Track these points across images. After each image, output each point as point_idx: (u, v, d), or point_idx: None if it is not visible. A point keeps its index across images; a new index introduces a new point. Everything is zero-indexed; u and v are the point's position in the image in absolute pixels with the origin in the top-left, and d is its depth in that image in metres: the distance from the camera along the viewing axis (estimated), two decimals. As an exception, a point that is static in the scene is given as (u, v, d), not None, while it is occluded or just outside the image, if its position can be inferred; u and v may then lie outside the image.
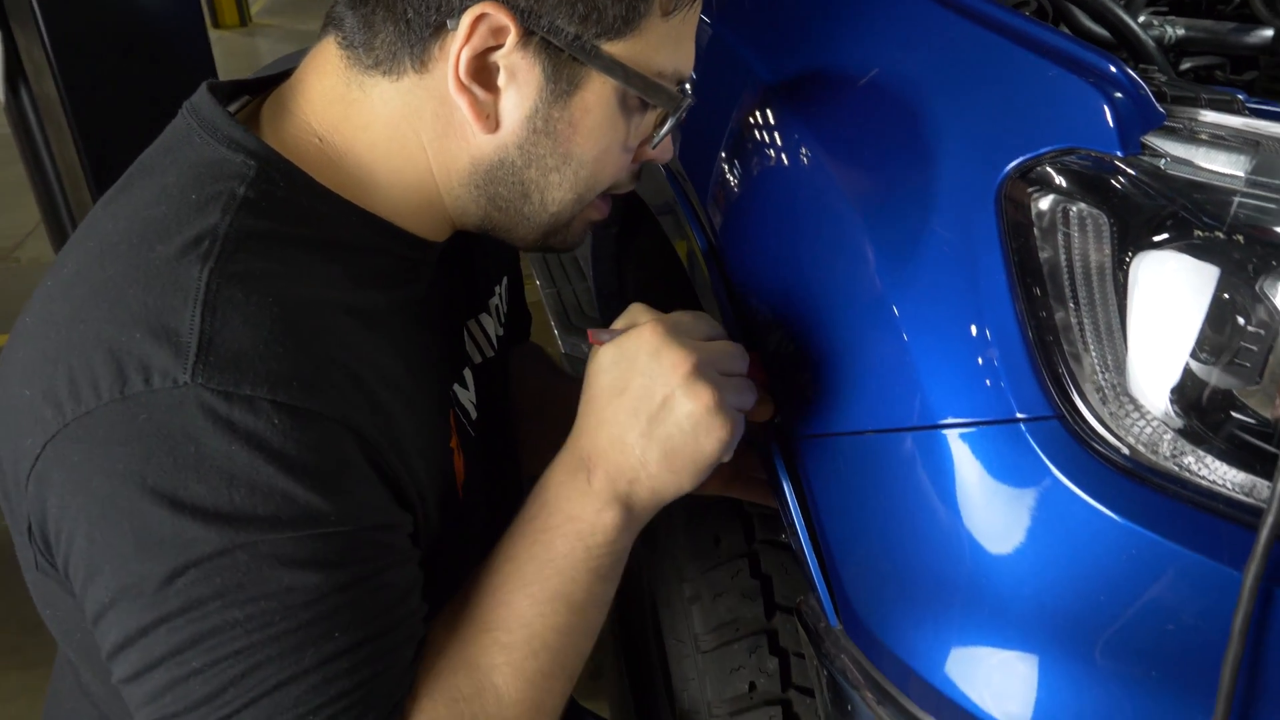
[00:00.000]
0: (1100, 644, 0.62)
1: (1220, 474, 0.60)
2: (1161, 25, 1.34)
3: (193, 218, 0.66)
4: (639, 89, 0.72)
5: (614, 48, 0.70)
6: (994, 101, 0.70)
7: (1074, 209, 0.64)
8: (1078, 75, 0.65)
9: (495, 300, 1.00)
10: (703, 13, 1.13)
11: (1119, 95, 0.63)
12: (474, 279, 0.95)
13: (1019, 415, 0.64)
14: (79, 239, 0.72)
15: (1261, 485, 0.59)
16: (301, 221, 0.70)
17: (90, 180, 2.16)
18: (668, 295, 1.27)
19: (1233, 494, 0.59)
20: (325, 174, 0.73)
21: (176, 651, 0.63)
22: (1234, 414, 0.59)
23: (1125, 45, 1.31)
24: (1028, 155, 0.66)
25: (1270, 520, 0.53)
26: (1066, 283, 0.64)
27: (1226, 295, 0.58)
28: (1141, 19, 1.37)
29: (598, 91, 0.72)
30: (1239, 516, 0.59)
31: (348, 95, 0.73)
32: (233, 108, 0.77)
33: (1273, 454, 0.57)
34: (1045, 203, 0.65)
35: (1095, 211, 0.63)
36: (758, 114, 0.92)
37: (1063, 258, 0.64)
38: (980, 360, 0.66)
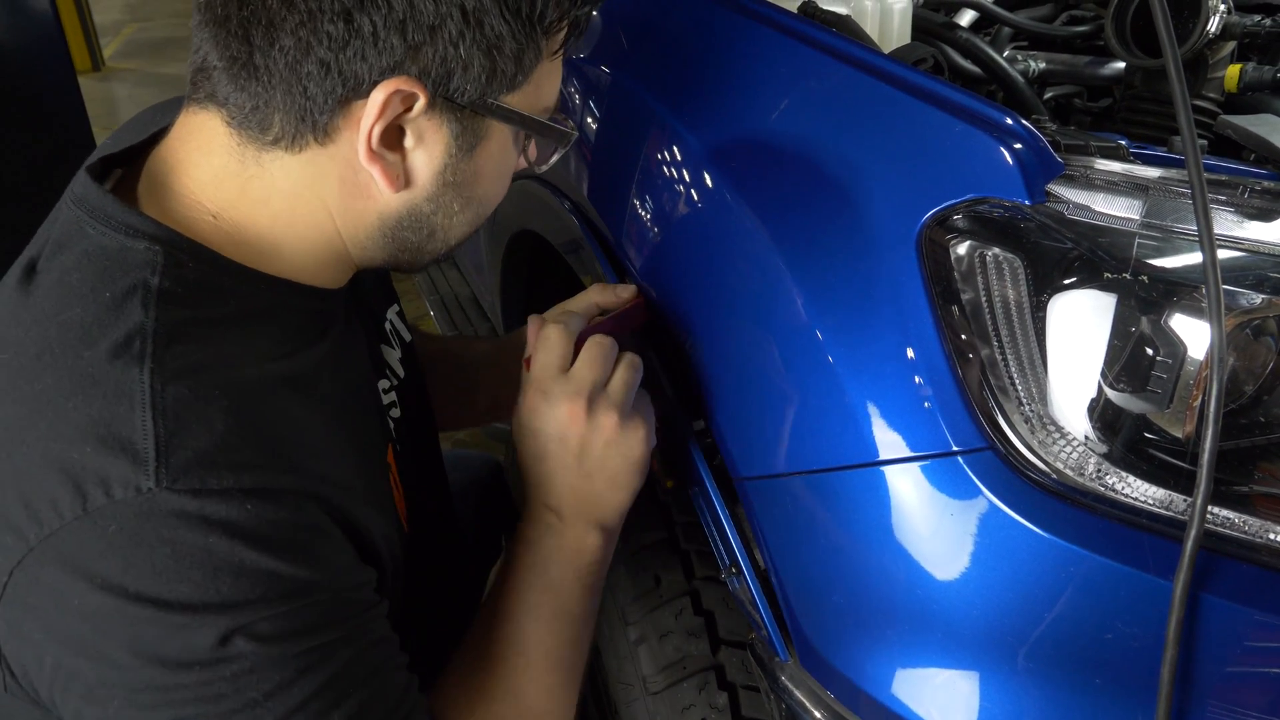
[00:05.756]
0: (1046, 656, 0.67)
1: (1141, 491, 0.65)
2: (1025, 60, 1.45)
3: (114, 318, 0.65)
4: (537, 132, 0.76)
5: (510, 98, 0.72)
6: (907, 155, 0.75)
7: (989, 253, 0.69)
8: (982, 130, 0.71)
9: (388, 326, 1.01)
10: (604, 62, 1.17)
11: (1021, 147, 0.69)
12: (365, 314, 0.95)
13: (955, 448, 0.69)
14: None
15: (1178, 499, 0.64)
16: (218, 301, 0.70)
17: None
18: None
19: (1154, 509, 0.65)
20: (226, 248, 0.72)
21: None
22: (1149, 435, 0.65)
23: (994, 79, 1.40)
24: (943, 205, 0.71)
25: (1193, 532, 0.59)
26: (988, 321, 0.69)
27: (1134, 330, 0.64)
28: (1006, 54, 1.47)
29: (499, 139, 0.74)
30: (1161, 529, 0.65)
31: (243, 172, 0.71)
32: (107, 185, 0.74)
33: (1187, 470, 0.63)
34: (963, 248, 0.70)
35: (1010, 256, 0.68)
36: (671, 158, 0.95)
37: (983, 298, 0.69)
38: (915, 398, 0.70)
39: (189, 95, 0.73)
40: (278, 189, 0.71)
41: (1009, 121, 0.71)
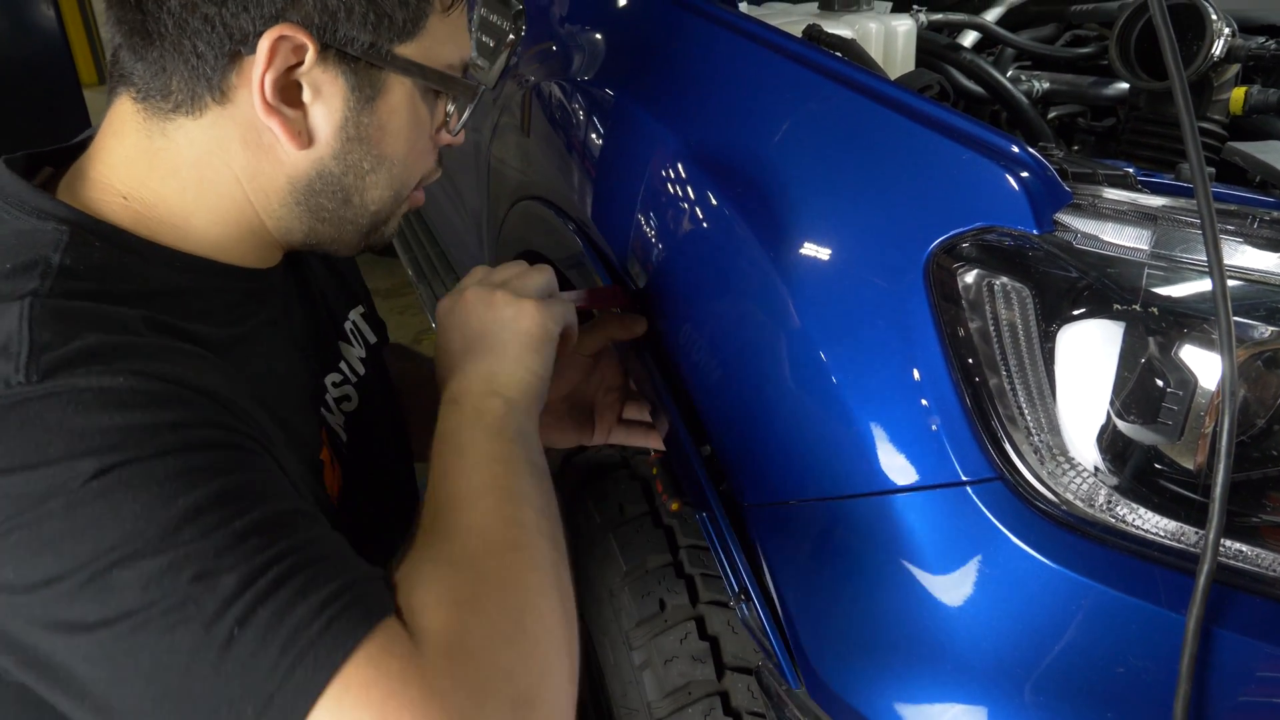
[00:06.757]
0: (1056, 689, 0.66)
1: (1152, 523, 0.65)
2: (1029, 80, 1.45)
3: (10, 286, 0.64)
4: (437, 84, 0.77)
5: (406, 49, 0.74)
6: (915, 183, 0.75)
7: (997, 282, 0.69)
8: (989, 158, 0.71)
9: (349, 326, 1.01)
10: (608, 85, 1.17)
11: (1028, 176, 0.69)
12: (318, 309, 0.95)
13: (964, 478, 0.68)
14: None
15: (1189, 532, 0.64)
16: (122, 279, 0.70)
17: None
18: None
19: (1165, 541, 0.65)
20: (138, 227, 0.73)
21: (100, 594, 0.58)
22: (1160, 467, 0.64)
23: (999, 100, 1.40)
24: (950, 234, 0.71)
25: (1206, 566, 0.58)
26: (997, 351, 0.69)
27: (1143, 361, 0.63)
28: (1010, 73, 1.47)
29: (399, 93, 0.76)
30: (1171, 562, 0.64)
31: (151, 147, 0.73)
32: (36, 180, 0.76)
33: (1199, 502, 0.63)
34: (970, 277, 0.70)
35: (1018, 285, 0.68)
36: (675, 182, 0.95)
37: (991, 328, 0.69)
38: (923, 427, 0.70)
39: (107, 89, 0.75)
40: (184, 159, 0.73)
41: (1016, 150, 0.71)
